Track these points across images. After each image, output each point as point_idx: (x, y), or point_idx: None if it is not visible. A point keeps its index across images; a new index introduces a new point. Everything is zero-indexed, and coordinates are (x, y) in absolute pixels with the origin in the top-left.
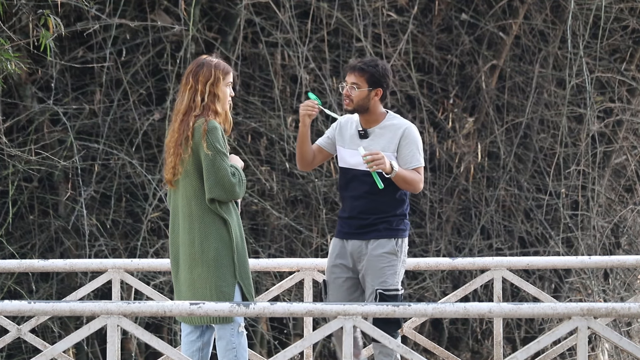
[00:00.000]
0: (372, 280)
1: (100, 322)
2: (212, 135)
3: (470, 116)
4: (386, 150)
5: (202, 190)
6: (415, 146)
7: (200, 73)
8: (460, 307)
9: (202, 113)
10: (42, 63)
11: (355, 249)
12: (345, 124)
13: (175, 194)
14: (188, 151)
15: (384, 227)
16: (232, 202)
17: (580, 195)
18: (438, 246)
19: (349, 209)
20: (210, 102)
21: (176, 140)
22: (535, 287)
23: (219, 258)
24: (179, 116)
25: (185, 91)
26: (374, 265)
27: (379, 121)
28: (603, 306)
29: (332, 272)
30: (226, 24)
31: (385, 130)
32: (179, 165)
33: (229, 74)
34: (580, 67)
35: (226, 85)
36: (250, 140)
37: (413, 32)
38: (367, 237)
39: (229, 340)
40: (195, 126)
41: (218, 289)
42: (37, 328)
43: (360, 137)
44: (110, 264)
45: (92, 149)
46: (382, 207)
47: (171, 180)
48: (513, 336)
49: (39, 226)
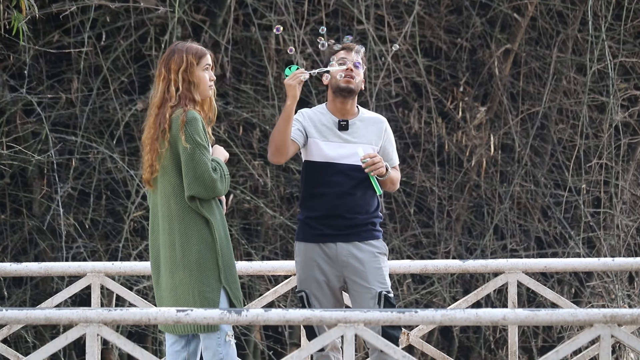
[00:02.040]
0: (371, 283)
1: (78, 331)
2: (190, 126)
3: (482, 105)
4: (372, 144)
5: (181, 188)
6: (394, 142)
7: (172, 61)
8: (471, 313)
9: (179, 103)
10: (14, 48)
11: (341, 252)
12: (314, 116)
13: (154, 192)
14: (165, 145)
15: (370, 227)
16: (215, 200)
17: (603, 191)
18: (447, 247)
19: (327, 208)
20: (186, 91)
21: (152, 136)
22: (554, 291)
23: (202, 261)
24: (154, 110)
25: (158, 82)
26: (371, 266)
27: (355, 113)
28: (628, 312)
29: (314, 280)
30: (215, 5)
31: (366, 122)
32: (156, 162)
33: (203, 57)
34: (602, 51)
35: (203, 70)
36: (242, 132)
37: (419, 14)
38: (356, 238)
39: (215, 351)
40: (173, 117)
41: (202, 295)
42: (9, 338)
43: (339, 129)
44: (90, 267)
45: (69, 142)
46: (365, 206)
47: (149, 180)
48: (529, 345)
49: (11, 226)
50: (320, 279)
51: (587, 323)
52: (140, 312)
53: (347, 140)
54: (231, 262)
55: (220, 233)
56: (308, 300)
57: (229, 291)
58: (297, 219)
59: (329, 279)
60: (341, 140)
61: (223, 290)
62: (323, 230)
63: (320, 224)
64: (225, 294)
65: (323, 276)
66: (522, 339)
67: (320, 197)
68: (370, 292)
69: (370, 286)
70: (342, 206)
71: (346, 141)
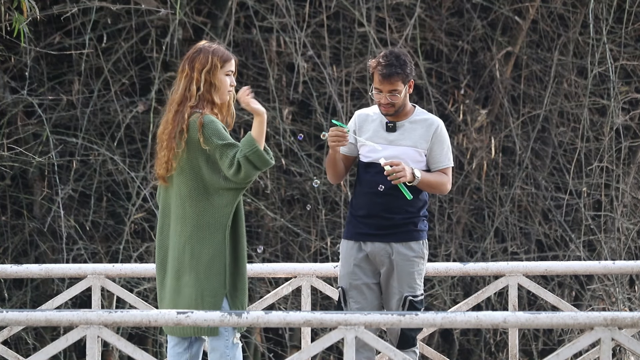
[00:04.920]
0: (400, 286)
1: (79, 332)
2: (208, 129)
3: (483, 108)
4: (417, 147)
5: (197, 191)
6: (446, 145)
7: (197, 60)
8: (472, 316)
9: (198, 104)
10: (15, 50)
11: (378, 252)
12: (366, 118)
13: (167, 191)
14: (182, 145)
15: (410, 228)
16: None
17: (604, 194)
18: (448, 250)
19: (368, 207)
20: (206, 92)
21: (170, 133)
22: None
23: (210, 266)
24: (174, 106)
25: (180, 79)
26: (403, 269)
27: (408, 115)
28: (628, 316)
29: (353, 277)
30: (216, 7)
31: (416, 125)
32: (173, 160)
33: (228, 62)
34: (604, 54)
35: (225, 74)
36: (243, 134)
37: (420, 16)
38: (393, 239)
39: (223, 352)
40: (190, 120)
41: (204, 299)
42: (9, 339)
43: (387, 130)
44: (90, 269)
45: (70, 144)
46: (405, 206)
47: (164, 176)
48: (530, 348)
49: (12, 228)
50: (358, 276)
51: (588, 326)
52: (141, 314)
53: (392, 141)
54: (241, 270)
55: (231, 239)
56: (345, 296)
57: (232, 298)
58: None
59: (367, 275)
60: (386, 141)
61: (226, 297)
62: (362, 228)
63: (361, 222)
64: (227, 300)
65: (361, 273)
66: (522, 342)
67: (363, 196)
68: (397, 295)
69: (399, 289)
70: (380, 206)
71: (391, 142)
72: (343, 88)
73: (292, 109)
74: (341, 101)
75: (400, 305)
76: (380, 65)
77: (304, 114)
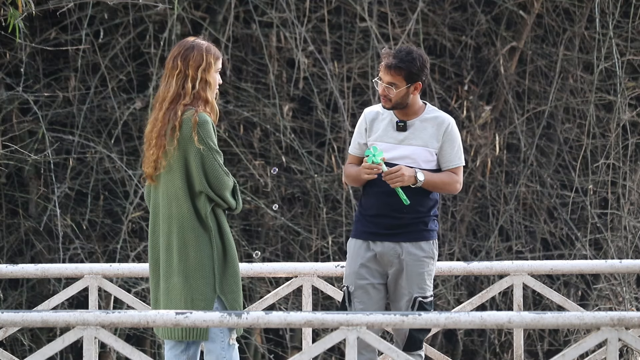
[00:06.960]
0: (410, 287)
1: (75, 333)
2: (203, 129)
3: (487, 104)
4: (428, 146)
5: (184, 191)
6: (457, 144)
7: (191, 57)
8: (476, 316)
9: (192, 102)
10: (10, 46)
11: (387, 252)
12: (376, 117)
13: (156, 191)
14: (174, 143)
15: (421, 227)
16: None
17: (610, 192)
18: (451, 249)
19: (378, 206)
20: (201, 90)
21: (159, 131)
22: (560, 294)
23: (198, 269)
24: (165, 104)
25: (172, 76)
26: (413, 270)
27: (418, 113)
28: (636, 316)
29: (359, 277)
30: (215, 2)
31: (427, 123)
32: (162, 158)
33: (219, 60)
34: (610, 49)
35: (216, 72)
36: (242, 131)
37: (423, 11)
38: (403, 239)
39: (218, 355)
40: (184, 117)
41: (193, 303)
42: (5, 341)
43: (397, 129)
44: (87, 269)
45: (66, 142)
46: (415, 205)
47: (152, 175)
48: (535, 349)
49: (7, 227)
50: (364, 275)
51: (594, 326)
52: (139, 315)
53: (402, 141)
54: (232, 271)
55: (219, 241)
56: (349, 295)
57: (224, 301)
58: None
59: (373, 276)
60: (395, 141)
61: (218, 300)
62: (372, 228)
63: (370, 221)
64: (220, 303)
65: (367, 274)
66: (527, 343)
67: (373, 195)
68: (406, 296)
69: (409, 290)
70: (390, 205)
71: (400, 142)
72: (344, 84)
73: (293, 105)
74: (342, 97)
75: (409, 307)
76: (389, 55)
77: (305, 110)
